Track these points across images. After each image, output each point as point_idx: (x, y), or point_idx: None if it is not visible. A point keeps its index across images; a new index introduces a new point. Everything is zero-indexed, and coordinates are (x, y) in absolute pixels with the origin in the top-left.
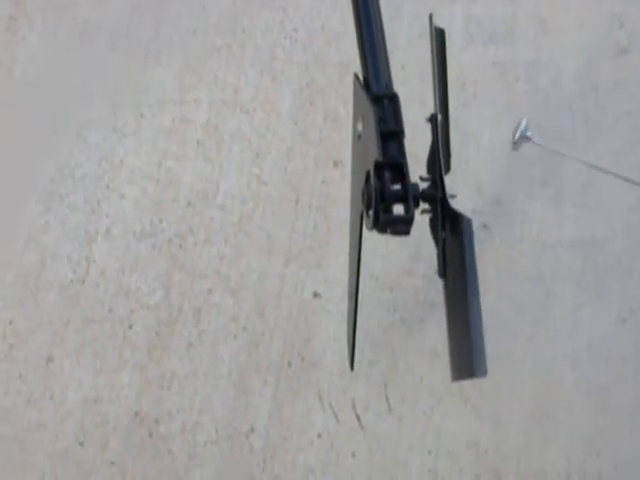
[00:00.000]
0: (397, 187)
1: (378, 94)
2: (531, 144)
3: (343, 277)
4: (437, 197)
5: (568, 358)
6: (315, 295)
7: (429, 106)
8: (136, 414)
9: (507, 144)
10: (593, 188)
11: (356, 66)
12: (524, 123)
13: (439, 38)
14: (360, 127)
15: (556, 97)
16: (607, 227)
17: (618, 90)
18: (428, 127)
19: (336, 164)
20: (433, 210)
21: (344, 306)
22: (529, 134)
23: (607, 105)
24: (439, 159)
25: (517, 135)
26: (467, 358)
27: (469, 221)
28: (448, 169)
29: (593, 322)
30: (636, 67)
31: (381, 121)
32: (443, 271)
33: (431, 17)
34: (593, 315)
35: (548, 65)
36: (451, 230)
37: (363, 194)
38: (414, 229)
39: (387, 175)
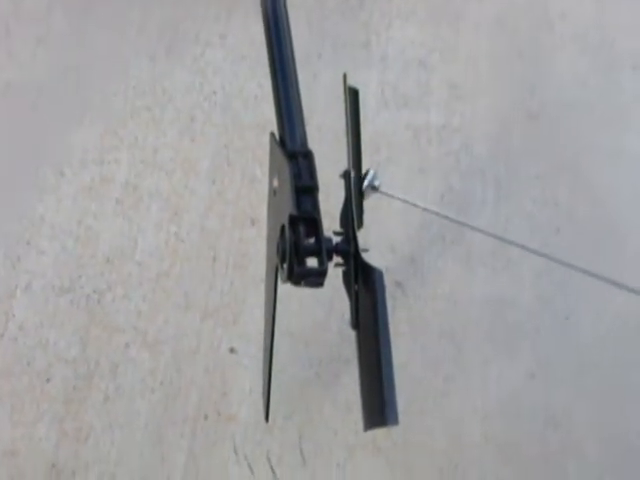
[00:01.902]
0: (311, 241)
1: (293, 151)
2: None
3: (259, 333)
4: (350, 251)
5: (478, 412)
6: (231, 350)
7: (344, 166)
8: (53, 466)
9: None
10: (503, 248)
11: (273, 128)
12: (372, 173)
13: (353, 97)
14: (276, 183)
15: (468, 160)
16: (516, 286)
17: (528, 154)
18: (342, 186)
19: (253, 223)
20: (346, 263)
21: (260, 361)
22: (376, 183)
23: (518, 169)
24: (352, 213)
25: (365, 184)
26: (379, 407)
27: (380, 273)
28: (361, 224)
29: (502, 377)
30: (546, 132)
31: (296, 177)
32: (356, 323)
33: (345, 77)
34: (502, 371)
35: (460, 129)
36: (363, 283)
37: (278, 247)
38: (328, 285)
39: (301, 229)
